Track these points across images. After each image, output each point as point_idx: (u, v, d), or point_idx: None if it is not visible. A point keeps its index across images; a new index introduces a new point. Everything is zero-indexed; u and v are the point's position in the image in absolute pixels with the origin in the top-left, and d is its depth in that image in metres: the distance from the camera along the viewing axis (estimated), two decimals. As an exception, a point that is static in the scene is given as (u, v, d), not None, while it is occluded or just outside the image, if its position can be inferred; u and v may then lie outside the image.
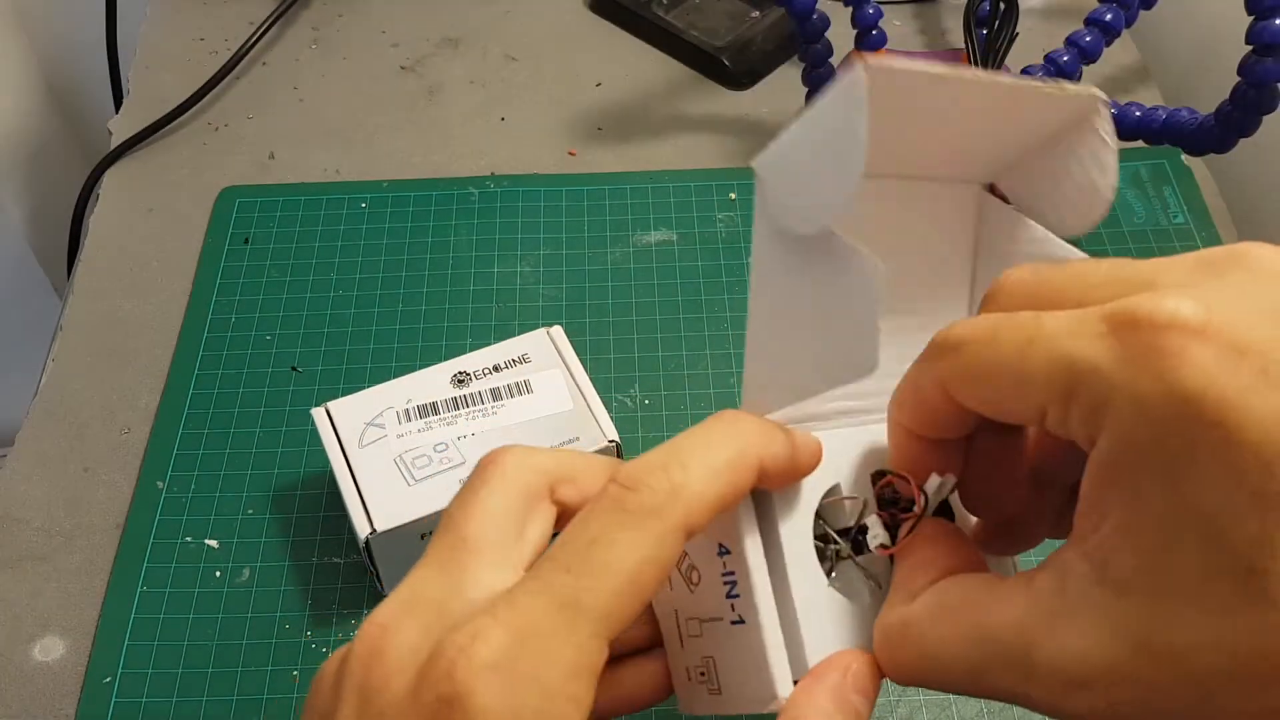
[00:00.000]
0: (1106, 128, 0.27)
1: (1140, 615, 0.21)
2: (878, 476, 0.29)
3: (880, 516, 0.28)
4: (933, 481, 0.27)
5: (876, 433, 0.29)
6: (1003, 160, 0.30)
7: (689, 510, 0.24)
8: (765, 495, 0.27)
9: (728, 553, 0.27)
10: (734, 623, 0.27)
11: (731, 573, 0.27)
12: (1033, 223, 0.29)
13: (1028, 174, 0.29)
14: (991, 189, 0.31)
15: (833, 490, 0.28)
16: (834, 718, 0.25)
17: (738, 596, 0.27)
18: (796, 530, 0.27)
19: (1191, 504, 0.20)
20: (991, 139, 0.29)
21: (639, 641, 0.31)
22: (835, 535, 0.29)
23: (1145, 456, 0.21)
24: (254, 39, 0.67)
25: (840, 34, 0.58)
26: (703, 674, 0.29)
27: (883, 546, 0.28)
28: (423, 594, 0.25)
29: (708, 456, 0.25)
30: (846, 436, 0.29)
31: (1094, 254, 0.26)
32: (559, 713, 0.22)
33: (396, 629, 0.24)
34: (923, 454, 0.27)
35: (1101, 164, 0.28)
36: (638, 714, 0.40)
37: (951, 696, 0.42)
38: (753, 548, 0.27)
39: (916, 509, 0.27)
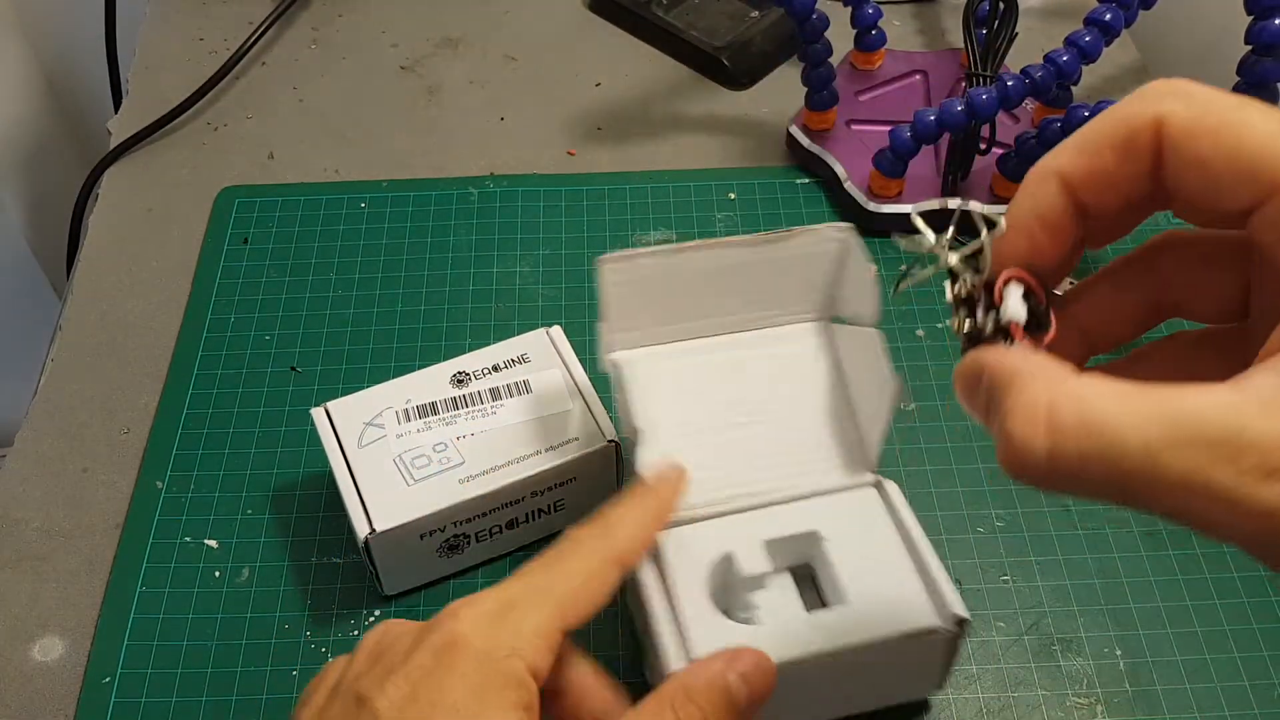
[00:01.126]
0: (858, 254, 0.41)
1: None
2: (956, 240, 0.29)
3: (1022, 281, 0.28)
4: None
5: (756, 516, 0.40)
6: (825, 300, 0.43)
7: (619, 548, 0.35)
8: (659, 551, 0.39)
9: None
10: (645, 633, 0.38)
11: (642, 601, 0.38)
12: (869, 330, 0.40)
13: (841, 300, 0.43)
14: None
15: (728, 556, 0.39)
16: (700, 690, 0.32)
17: (646, 612, 0.38)
18: (685, 576, 0.38)
19: None
20: (796, 283, 0.43)
21: None
22: (972, 290, 0.29)
23: None
24: (253, 39, 0.67)
25: (840, 34, 0.58)
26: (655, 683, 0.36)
27: (1028, 330, 0.27)
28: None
29: (631, 515, 0.36)
30: (734, 520, 0.40)
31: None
32: (524, 653, 0.31)
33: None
34: (1046, 246, 0.28)
35: (867, 272, 0.40)
36: None
37: (950, 698, 0.42)
38: (646, 574, 0.38)
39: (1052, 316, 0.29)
